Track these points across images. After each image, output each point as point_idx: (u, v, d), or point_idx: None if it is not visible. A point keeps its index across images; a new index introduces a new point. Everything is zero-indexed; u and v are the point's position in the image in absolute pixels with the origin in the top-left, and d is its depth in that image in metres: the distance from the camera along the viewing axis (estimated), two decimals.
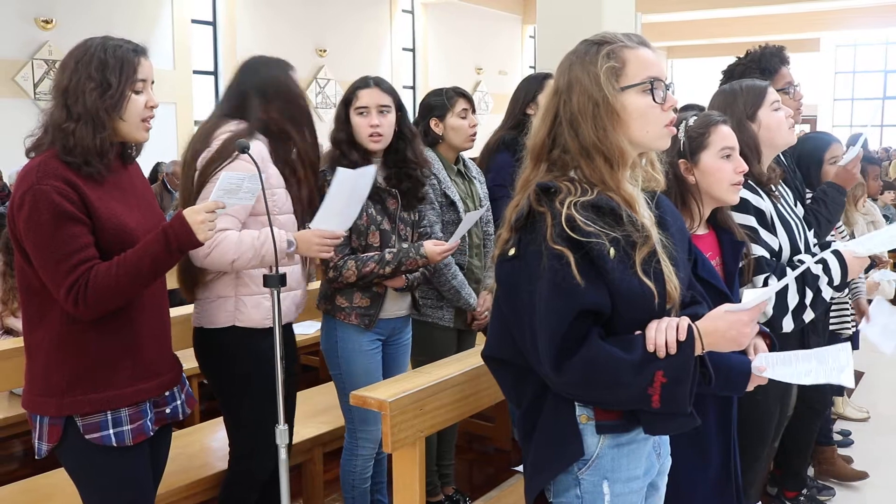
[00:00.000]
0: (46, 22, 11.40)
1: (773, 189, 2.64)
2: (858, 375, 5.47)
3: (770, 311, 2.45)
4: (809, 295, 2.49)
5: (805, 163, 3.32)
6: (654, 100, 1.67)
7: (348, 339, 2.91)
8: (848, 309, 3.87)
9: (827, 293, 2.51)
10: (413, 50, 18.49)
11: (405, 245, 2.92)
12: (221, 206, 2.11)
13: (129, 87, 2.07)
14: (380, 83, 2.94)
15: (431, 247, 2.89)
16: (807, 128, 22.57)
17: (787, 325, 2.49)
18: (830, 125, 23.10)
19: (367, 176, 2.62)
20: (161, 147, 10.58)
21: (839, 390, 4.24)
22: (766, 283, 2.44)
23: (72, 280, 1.98)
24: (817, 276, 2.49)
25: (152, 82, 2.16)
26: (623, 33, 1.72)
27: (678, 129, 2.28)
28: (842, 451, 4.15)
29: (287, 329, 2.75)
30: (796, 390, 3.34)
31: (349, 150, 2.88)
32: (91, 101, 2.02)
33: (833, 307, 3.79)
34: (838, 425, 4.43)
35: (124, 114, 2.07)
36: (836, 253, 2.52)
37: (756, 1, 16.75)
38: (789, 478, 3.64)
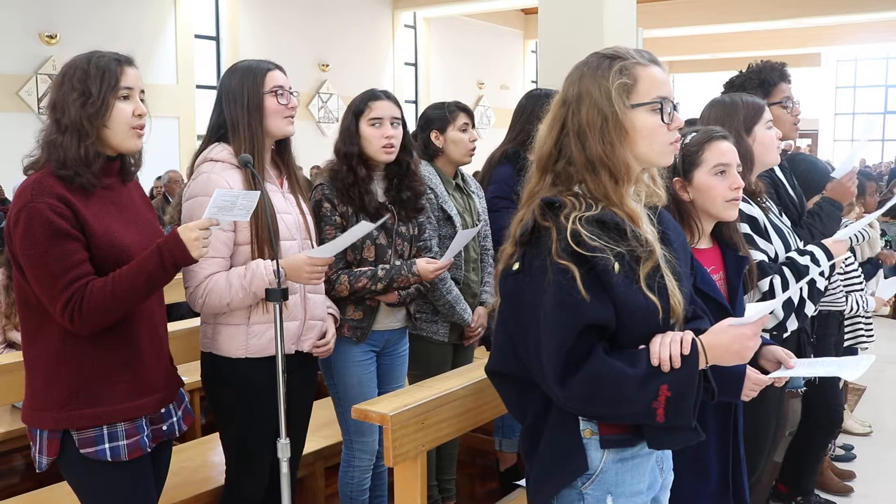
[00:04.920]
0: (50, 37, 11.47)
1: (762, 200, 2.68)
2: (860, 390, 5.46)
3: (781, 314, 2.53)
4: (806, 290, 2.58)
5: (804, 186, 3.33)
6: (662, 119, 1.68)
7: (341, 351, 2.87)
8: (861, 325, 3.87)
9: (821, 283, 2.64)
10: (415, 65, 18.56)
11: (398, 262, 2.89)
12: (215, 223, 2.11)
13: (111, 94, 2.07)
14: (389, 96, 2.93)
15: (424, 265, 2.85)
16: (807, 141, 22.66)
17: (792, 324, 2.58)
18: (831, 140, 23.18)
19: (374, 224, 2.57)
20: (164, 162, 10.62)
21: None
22: (770, 285, 2.51)
23: (67, 296, 1.98)
24: (807, 267, 2.57)
25: (142, 91, 2.15)
26: (635, 49, 1.72)
27: None
28: (844, 466, 4.14)
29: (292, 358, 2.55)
30: (800, 406, 3.33)
31: (358, 165, 2.85)
32: (74, 111, 2.03)
33: (847, 324, 3.81)
34: (841, 439, 4.41)
35: (108, 121, 2.07)
36: (819, 244, 2.65)
37: (757, 16, 16.84)
38: (798, 494, 3.64)
